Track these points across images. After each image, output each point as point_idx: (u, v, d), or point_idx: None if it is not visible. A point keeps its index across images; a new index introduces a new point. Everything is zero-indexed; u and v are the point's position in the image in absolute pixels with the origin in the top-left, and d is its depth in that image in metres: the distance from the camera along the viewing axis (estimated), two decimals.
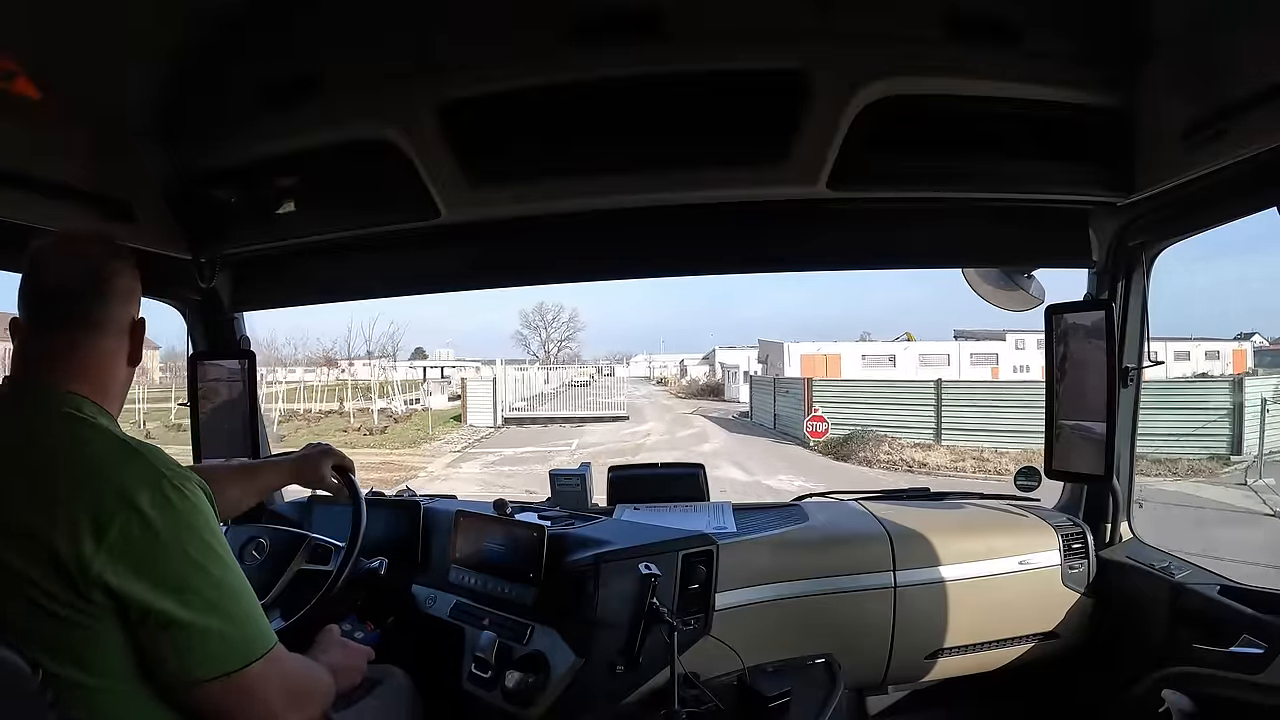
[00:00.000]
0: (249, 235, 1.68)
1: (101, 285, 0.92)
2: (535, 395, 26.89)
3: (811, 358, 25.56)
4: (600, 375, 43.85)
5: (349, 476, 1.44)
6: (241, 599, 0.84)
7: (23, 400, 0.88)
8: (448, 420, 20.75)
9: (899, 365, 25.90)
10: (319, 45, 1.49)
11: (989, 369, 24.51)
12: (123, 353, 0.95)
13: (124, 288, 0.95)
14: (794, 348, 26.62)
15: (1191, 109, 1.24)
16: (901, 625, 1.74)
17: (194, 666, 0.80)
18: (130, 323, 0.96)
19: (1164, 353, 26.39)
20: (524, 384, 26.63)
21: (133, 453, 0.84)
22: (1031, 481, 2.04)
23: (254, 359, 2.04)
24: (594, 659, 1.39)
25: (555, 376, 33.11)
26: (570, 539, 1.57)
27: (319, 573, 1.49)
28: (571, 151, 1.47)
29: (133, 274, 0.97)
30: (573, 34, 1.35)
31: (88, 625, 0.77)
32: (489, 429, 19.75)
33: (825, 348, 26.99)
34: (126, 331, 0.95)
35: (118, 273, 0.95)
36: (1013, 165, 1.46)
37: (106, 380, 0.92)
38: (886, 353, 27.36)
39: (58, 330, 0.90)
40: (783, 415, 17.84)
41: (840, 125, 1.36)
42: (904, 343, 27.62)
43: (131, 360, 0.96)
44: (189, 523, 0.82)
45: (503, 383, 21.99)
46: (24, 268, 0.92)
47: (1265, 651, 1.27)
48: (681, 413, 24.29)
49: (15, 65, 1.22)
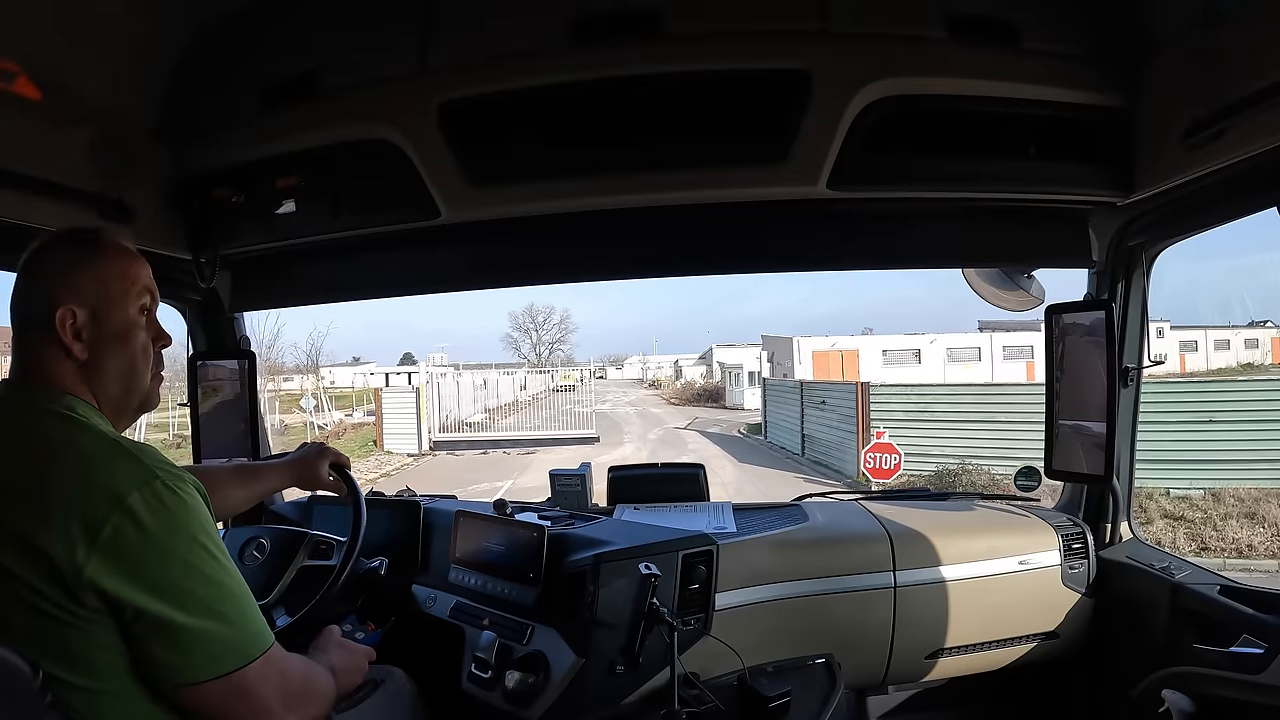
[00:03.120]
0: (249, 235, 1.68)
1: (20, 279, 0.89)
2: (505, 405, 22.69)
3: (824, 355, 22.65)
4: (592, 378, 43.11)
5: (347, 474, 1.44)
6: (237, 599, 0.84)
7: (14, 402, 0.87)
8: (366, 444, 16.57)
9: (924, 361, 22.83)
10: (319, 45, 1.49)
11: (1023, 364, 21.01)
12: (52, 345, 0.88)
13: (41, 276, 0.90)
14: (804, 343, 23.29)
15: (1191, 109, 1.24)
16: (901, 625, 1.74)
17: (191, 667, 0.79)
18: (48, 311, 0.88)
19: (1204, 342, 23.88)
20: (490, 391, 22.43)
21: (125, 453, 0.82)
22: (1031, 481, 2.04)
23: (254, 359, 2.04)
24: (594, 659, 1.38)
25: (536, 381, 28.14)
26: (570, 539, 1.57)
27: (322, 568, 1.49)
28: (572, 151, 1.46)
29: (59, 259, 0.91)
30: (573, 34, 1.36)
31: (82, 627, 0.77)
32: (410, 457, 15.55)
33: (840, 342, 23.87)
34: (47, 321, 0.88)
35: (36, 262, 0.90)
36: (1013, 165, 1.46)
37: (69, 377, 0.89)
38: (910, 347, 23.75)
39: (20, 332, 0.89)
40: (817, 437, 13.26)
41: (840, 125, 1.36)
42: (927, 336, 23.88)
43: (67, 354, 0.88)
44: (183, 524, 0.81)
45: (435, 393, 16.79)
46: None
47: (1265, 651, 1.27)
48: (673, 426, 20.27)
49: (15, 65, 1.22)
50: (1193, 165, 1.31)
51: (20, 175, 1.29)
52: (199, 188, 1.62)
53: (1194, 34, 1.24)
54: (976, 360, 22.44)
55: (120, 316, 0.92)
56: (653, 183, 1.48)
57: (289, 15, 1.50)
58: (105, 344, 0.91)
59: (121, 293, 0.93)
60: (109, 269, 0.93)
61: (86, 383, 0.90)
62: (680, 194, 1.51)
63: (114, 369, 0.92)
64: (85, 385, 0.90)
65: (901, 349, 23.75)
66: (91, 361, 0.90)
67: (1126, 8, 1.35)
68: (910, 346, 23.75)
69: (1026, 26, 1.36)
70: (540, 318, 47.83)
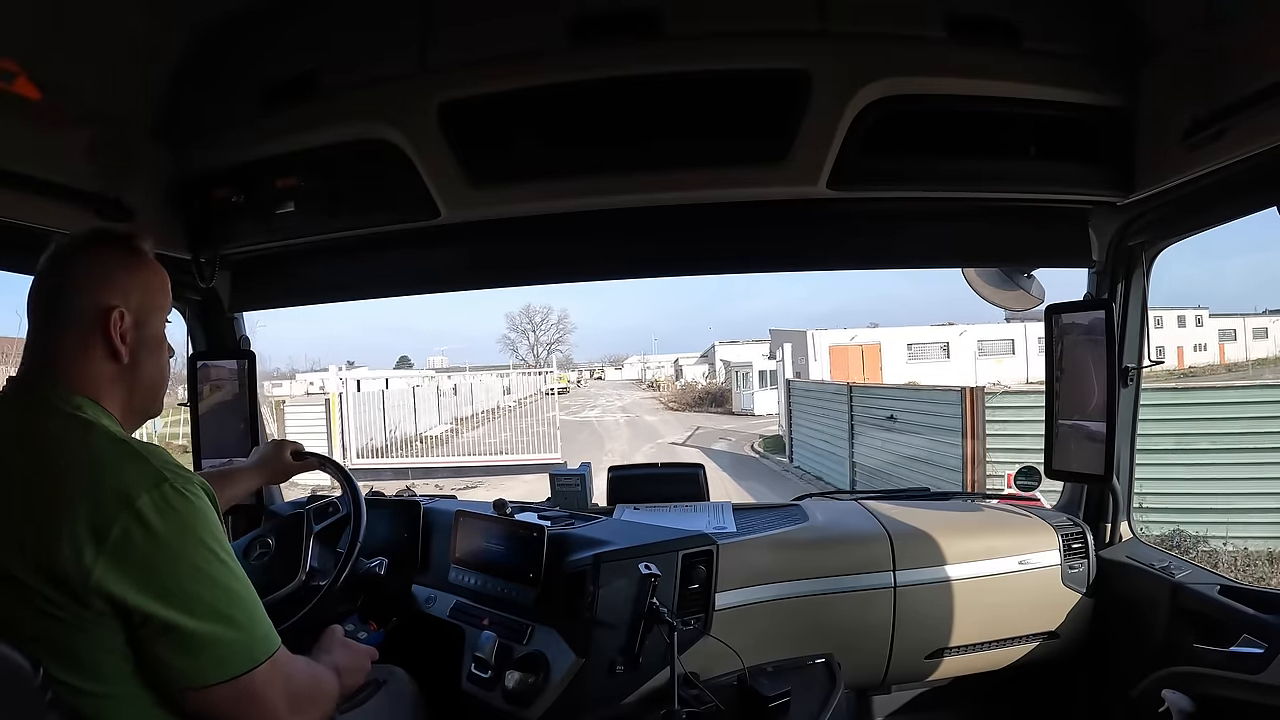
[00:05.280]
0: (249, 235, 1.68)
1: (58, 275, 0.89)
2: (484, 412, 18.90)
3: (843, 350, 19.81)
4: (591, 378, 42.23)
5: (318, 455, 1.53)
6: (245, 603, 0.84)
7: (22, 401, 0.87)
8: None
9: (952, 356, 20.66)
10: (319, 45, 1.49)
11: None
12: (96, 346, 0.88)
13: (87, 275, 0.89)
14: (820, 337, 20.00)
15: (1191, 109, 1.24)
16: (901, 625, 1.74)
17: (198, 671, 0.79)
18: (98, 311, 0.88)
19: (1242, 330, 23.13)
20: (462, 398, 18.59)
21: (135, 454, 0.82)
22: (1031, 481, 2.04)
23: (254, 359, 2.04)
24: (594, 659, 1.38)
25: (527, 384, 21.55)
26: (570, 539, 1.57)
27: (337, 523, 1.54)
28: (571, 151, 1.46)
29: (106, 260, 0.91)
30: (572, 34, 1.36)
31: (89, 631, 0.76)
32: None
33: (860, 336, 20.74)
34: (96, 321, 0.88)
35: (77, 259, 0.90)
36: (1013, 165, 1.46)
37: (97, 378, 0.88)
38: (937, 340, 21.30)
39: (41, 329, 0.89)
40: (879, 469, 9.05)
41: (840, 125, 1.36)
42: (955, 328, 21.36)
43: (110, 355, 0.89)
44: (191, 527, 0.80)
45: (350, 405, 12.70)
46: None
47: (1265, 651, 1.27)
48: (668, 441, 16.36)
49: (15, 65, 1.22)
50: (1193, 165, 1.31)
51: (20, 175, 1.29)
52: (199, 188, 1.62)
53: (1194, 34, 1.24)
54: (1009, 354, 20.67)
55: (157, 325, 0.95)
56: (652, 182, 1.48)
57: (289, 15, 1.50)
58: (143, 350, 0.93)
59: (161, 303, 0.96)
60: (154, 278, 0.95)
61: (120, 386, 0.91)
62: (680, 194, 1.51)
63: (147, 375, 0.94)
64: (118, 388, 0.90)
65: (927, 342, 21.44)
66: (130, 365, 0.91)
67: (1126, 8, 1.35)
68: (937, 339, 21.46)
69: (1026, 26, 1.36)
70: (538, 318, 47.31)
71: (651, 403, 27.47)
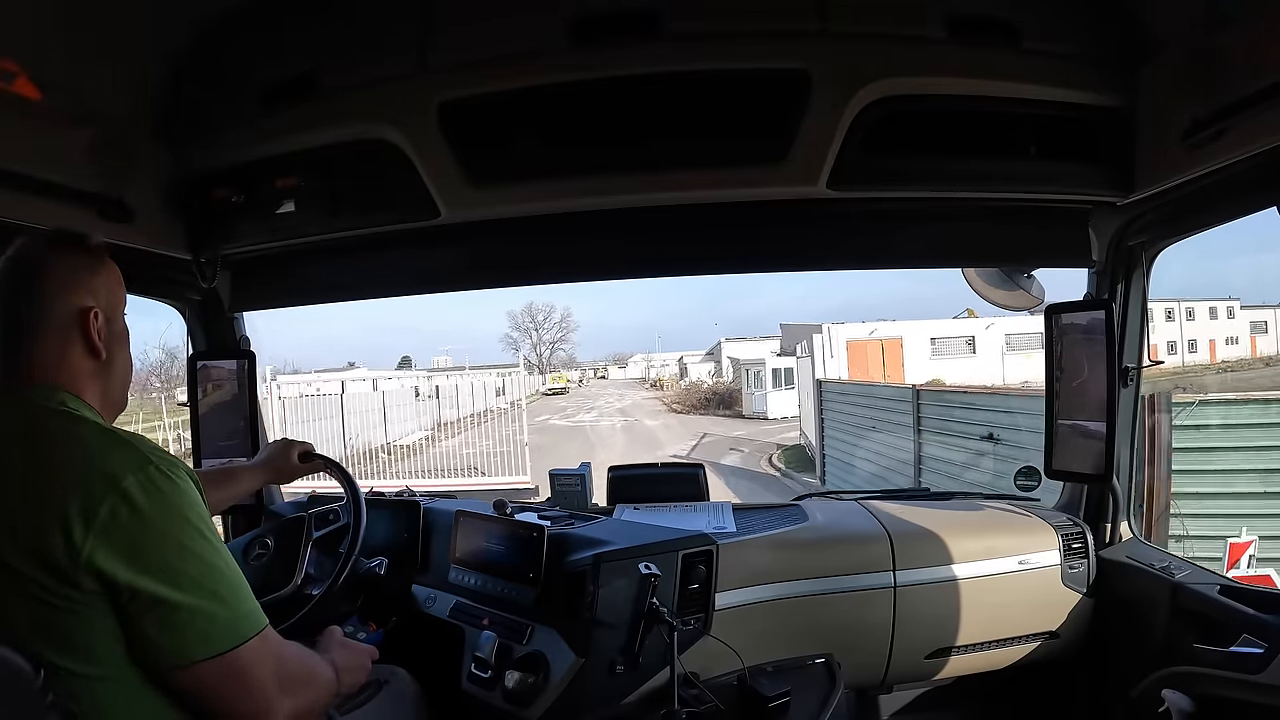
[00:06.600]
0: (249, 235, 1.68)
1: (30, 281, 0.91)
2: (469, 416, 16.98)
3: (862, 345, 17.98)
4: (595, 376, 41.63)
5: (324, 457, 1.53)
6: (230, 580, 0.85)
7: (8, 401, 0.89)
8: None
9: (979, 351, 19.12)
10: (319, 45, 1.49)
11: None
12: (76, 345, 0.91)
13: (59, 279, 0.91)
14: (837, 331, 17.87)
15: (1191, 109, 1.24)
16: (901, 625, 1.74)
17: (185, 647, 0.80)
18: (75, 313, 0.91)
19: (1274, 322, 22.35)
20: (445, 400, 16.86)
21: (121, 441, 0.85)
22: (1031, 481, 2.04)
23: (254, 359, 2.04)
24: (594, 659, 1.39)
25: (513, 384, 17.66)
26: (570, 539, 1.57)
27: (336, 532, 1.55)
28: (571, 151, 1.47)
29: (72, 263, 0.93)
30: (572, 34, 1.36)
31: (81, 613, 0.78)
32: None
33: (880, 330, 18.85)
34: (74, 323, 0.91)
35: (47, 264, 0.92)
36: (1013, 165, 1.46)
37: (77, 375, 0.91)
38: (962, 334, 19.48)
39: (18, 332, 0.90)
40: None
41: (840, 125, 1.36)
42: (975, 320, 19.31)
43: (90, 353, 0.92)
44: (176, 506, 0.82)
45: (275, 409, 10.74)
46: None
47: (1265, 651, 1.27)
48: (668, 456, 13.32)
49: (15, 65, 1.22)
50: (1193, 165, 1.31)
51: (20, 175, 1.29)
52: (199, 188, 1.62)
53: (1194, 34, 1.24)
54: (1040, 348, 19.71)
55: (121, 320, 0.99)
56: (652, 182, 1.48)
57: (289, 15, 1.50)
58: (115, 344, 0.97)
59: (121, 299, 1.00)
60: (112, 276, 0.99)
61: (98, 380, 0.94)
62: (680, 194, 1.51)
63: (120, 369, 0.98)
64: (96, 383, 0.94)
65: (952, 335, 19.61)
66: (108, 361, 0.95)
67: (1126, 8, 1.35)
68: (962, 333, 19.61)
69: (1026, 26, 1.36)
70: (540, 317, 47.11)
71: (653, 404, 25.89)
